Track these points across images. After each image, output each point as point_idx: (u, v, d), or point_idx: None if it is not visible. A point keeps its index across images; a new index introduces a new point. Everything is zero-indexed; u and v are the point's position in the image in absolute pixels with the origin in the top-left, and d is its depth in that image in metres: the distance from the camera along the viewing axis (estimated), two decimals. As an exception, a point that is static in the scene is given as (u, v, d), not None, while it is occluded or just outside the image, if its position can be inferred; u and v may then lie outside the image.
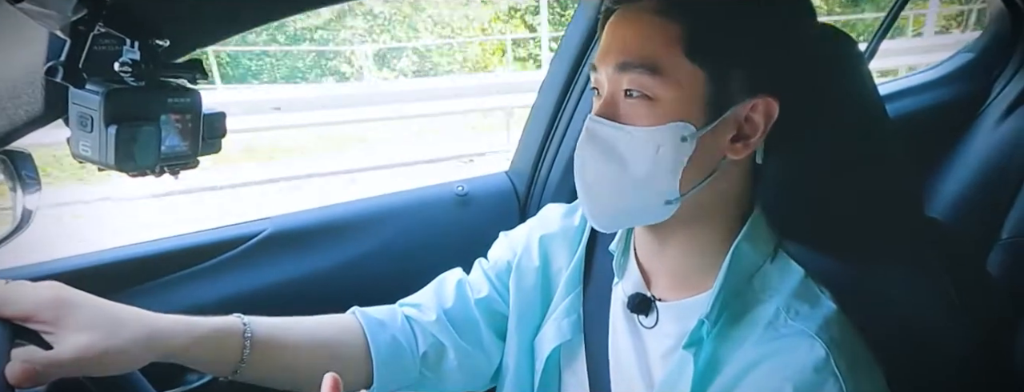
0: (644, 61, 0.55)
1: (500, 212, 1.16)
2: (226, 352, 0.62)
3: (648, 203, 0.58)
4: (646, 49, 0.56)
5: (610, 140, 0.57)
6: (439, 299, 0.76)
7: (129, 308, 0.59)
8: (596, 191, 0.60)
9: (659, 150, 0.56)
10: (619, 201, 0.59)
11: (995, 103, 1.46)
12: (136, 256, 0.91)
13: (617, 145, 0.57)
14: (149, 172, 0.51)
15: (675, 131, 0.55)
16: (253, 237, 0.98)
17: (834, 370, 0.52)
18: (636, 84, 0.56)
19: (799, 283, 0.60)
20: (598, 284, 0.71)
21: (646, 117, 0.56)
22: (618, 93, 0.58)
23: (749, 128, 0.58)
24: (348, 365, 0.70)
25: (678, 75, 0.55)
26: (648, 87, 0.55)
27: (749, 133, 0.58)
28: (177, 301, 0.90)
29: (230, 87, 7.31)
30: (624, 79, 0.57)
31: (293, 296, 0.97)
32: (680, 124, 0.55)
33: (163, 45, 0.49)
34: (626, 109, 0.57)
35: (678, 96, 0.55)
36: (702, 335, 0.58)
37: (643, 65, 0.55)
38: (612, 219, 0.62)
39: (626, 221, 0.63)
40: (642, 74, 0.55)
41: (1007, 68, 1.46)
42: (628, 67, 0.56)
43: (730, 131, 0.57)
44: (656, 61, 0.55)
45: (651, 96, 0.56)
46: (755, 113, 0.57)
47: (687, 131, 0.56)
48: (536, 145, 1.20)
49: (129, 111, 0.48)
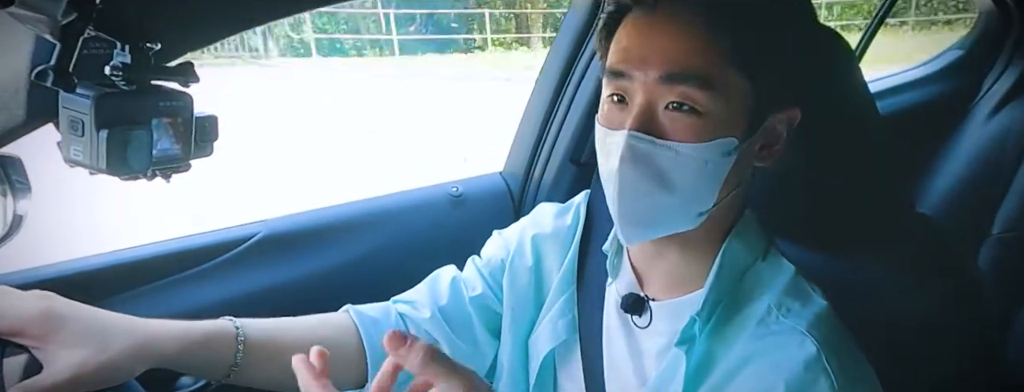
0: (696, 73, 0.53)
1: (494, 213, 1.16)
2: (219, 356, 0.62)
3: (683, 216, 0.58)
4: (696, 61, 0.53)
5: (654, 157, 0.55)
6: (433, 296, 0.76)
7: (119, 316, 0.58)
8: (634, 207, 0.57)
9: (706, 166, 0.55)
10: (656, 216, 0.58)
11: (985, 99, 1.47)
12: (127, 261, 0.90)
13: (661, 162, 0.55)
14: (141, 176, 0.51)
15: (722, 147, 0.55)
16: (247, 240, 0.97)
17: (825, 367, 0.53)
18: (685, 97, 0.54)
19: (790, 280, 0.60)
20: (591, 284, 0.72)
21: (693, 133, 0.54)
22: (656, 104, 0.55)
23: (773, 137, 0.59)
24: (342, 363, 0.70)
25: (728, 90, 0.54)
26: (698, 101, 0.53)
27: (773, 142, 0.59)
28: (169, 306, 0.89)
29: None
30: (671, 91, 0.54)
31: (287, 300, 0.97)
32: (727, 140, 0.55)
33: (154, 48, 0.48)
34: (668, 123, 0.55)
35: (726, 110, 0.54)
36: (694, 333, 0.58)
37: (695, 77, 0.53)
38: (645, 233, 0.60)
39: (655, 233, 0.61)
40: (693, 87, 0.53)
41: (996, 64, 1.48)
42: (677, 79, 0.53)
43: (760, 141, 0.58)
44: (708, 74, 0.53)
45: (700, 110, 0.54)
46: (780, 123, 0.58)
47: (731, 145, 0.55)
48: (530, 146, 1.20)
49: (121, 115, 0.48)
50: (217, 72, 9.06)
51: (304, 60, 10.67)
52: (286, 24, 9.46)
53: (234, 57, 9.54)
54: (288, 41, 10.41)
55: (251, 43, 9.71)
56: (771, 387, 0.53)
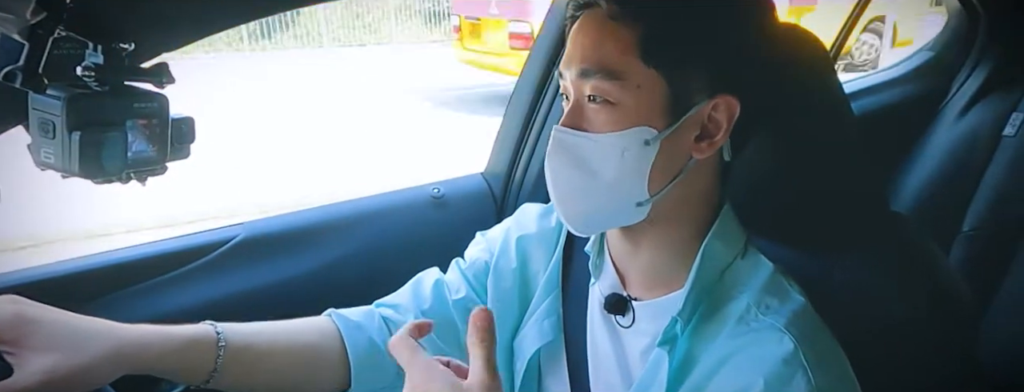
0: (602, 67, 0.56)
1: (476, 214, 1.16)
2: (199, 360, 0.61)
3: (619, 207, 0.59)
4: (603, 55, 0.56)
5: (576, 148, 0.58)
6: (417, 299, 0.76)
7: (95, 320, 0.57)
8: (568, 198, 0.61)
9: (624, 154, 0.57)
10: (591, 206, 0.60)
11: (954, 99, 1.51)
12: (103, 265, 0.89)
13: (583, 152, 0.58)
14: (116, 179, 0.50)
15: (637, 135, 0.56)
16: (225, 243, 0.96)
17: (802, 362, 0.53)
18: (597, 90, 0.57)
19: (768, 278, 0.61)
20: (576, 285, 0.72)
21: (608, 123, 0.57)
22: (582, 99, 0.58)
23: (712, 127, 0.59)
24: (325, 368, 0.69)
25: (636, 79, 0.56)
26: (608, 93, 0.56)
27: (713, 132, 0.59)
28: (147, 311, 0.88)
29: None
30: (586, 85, 0.57)
31: (268, 303, 0.96)
32: (642, 129, 0.56)
33: (128, 48, 0.47)
34: (590, 115, 0.58)
35: (638, 100, 0.56)
36: (676, 332, 0.59)
37: (602, 71, 0.56)
38: (586, 223, 0.62)
39: (600, 224, 0.64)
40: (601, 80, 0.56)
41: (965, 65, 1.52)
42: (588, 74, 0.57)
43: (693, 131, 0.58)
44: (614, 67, 0.56)
45: (612, 101, 0.56)
46: (717, 112, 0.58)
47: (649, 135, 0.56)
48: (511, 146, 1.20)
49: (93, 116, 0.47)
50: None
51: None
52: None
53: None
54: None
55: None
56: (750, 383, 0.53)
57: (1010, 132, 1.37)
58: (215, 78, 6.68)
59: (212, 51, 8.55)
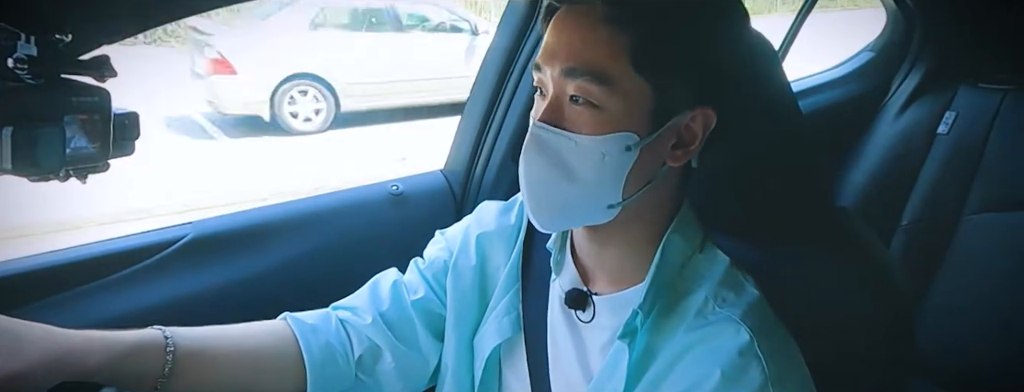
0: (592, 69, 0.55)
1: (436, 211, 1.15)
2: (146, 367, 0.59)
3: (591, 207, 0.59)
4: (594, 57, 0.56)
5: (555, 147, 0.58)
6: (374, 301, 0.75)
7: (34, 325, 0.54)
8: (540, 195, 0.60)
9: (604, 158, 0.57)
10: (562, 205, 0.60)
11: (893, 99, 1.58)
12: (42, 266, 0.84)
13: (562, 152, 0.57)
14: (53, 177, 0.48)
15: (620, 140, 0.56)
16: (174, 243, 0.93)
17: (757, 353, 0.55)
18: (582, 91, 0.56)
19: (725, 272, 0.62)
20: (536, 281, 0.72)
21: (592, 125, 0.56)
22: (563, 97, 0.58)
23: (688, 136, 0.60)
24: (280, 373, 0.68)
25: (625, 86, 0.56)
26: (595, 96, 0.56)
27: (688, 141, 0.60)
28: (90, 315, 0.84)
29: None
30: (570, 85, 0.57)
31: (220, 305, 0.93)
32: (625, 134, 0.56)
33: (64, 40, 0.45)
34: (571, 114, 0.57)
35: (624, 106, 0.56)
36: (636, 326, 0.60)
37: (591, 73, 0.55)
38: (552, 220, 0.62)
39: (567, 223, 0.64)
40: (589, 82, 0.55)
41: (903, 66, 1.59)
42: (575, 73, 0.56)
43: (671, 139, 0.59)
44: (604, 71, 0.55)
45: (597, 104, 0.56)
46: (694, 123, 0.59)
47: (631, 141, 0.57)
48: (470, 143, 1.20)
49: (27, 111, 0.45)
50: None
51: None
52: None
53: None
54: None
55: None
56: (708, 374, 0.55)
57: (943, 130, 1.45)
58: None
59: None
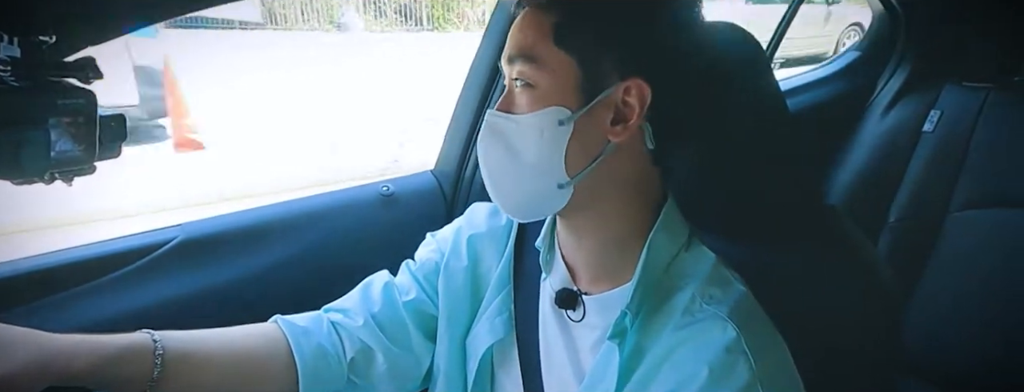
0: (523, 52, 0.60)
1: (426, 212, 1.15)
2: (135, 371, 0.58)
3: (543, 188, 0.61)
4: (525, 41, 0.61)
5: (502, 130, 0.62)
6: (366, 303, 0.75)
7: (18, 329, 0.54)
8: (497, 179, 0.64)
9: (542, 134, 0.59)
10: (517, 188, 0.63)
11: (879, 97, 1.59)
12: (29, 270, 0.83)
13: (507, 133, 0.61)
14: (38, 180, 0.47)
15: (552, 115, 0.59)
16: (163, 245, 0.92)
17: (744, 350, 0.55)
18: (520, 74, 0.61)
19: (712, 269, 0.63)
20: (527, 281, 0.72)
21: (528, 104, 0.60)
22: (512, 84, 0.62)
23: (627, 111, 0.60)
24: (272, 377, 0.68)
25: (551, 62, 0.59)
26: (528, 75, 0.60)
27: (627, 116, 0.60)
28: (78, 319, 0.83)
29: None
30: (513, 70, 0.61)
31: (210, 308, 0.92)
32: (556, 109, 0.59)
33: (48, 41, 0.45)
34: (516, 99, 0.62)
35: (553, 82, 0.59)
36: (626, 325, 0.60)
37: (522, 56, 0.60)
38: (517, 206, 0.64)
39: (531, 208, 0.64)
40: (523, 64, 0.60)
41: (888, 65, 1.61)
42: (512, 59, 0.61)
43: (608, 114, 0.60)
44: (531, 51, 0.60)
45: (532, 84, 0.60)
46: (629, 97, 0.60)
47: (563, 114, 0.59)
48: (461, 143, 1.19)
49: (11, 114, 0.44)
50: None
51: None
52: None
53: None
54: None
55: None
56: (696, 372, 0.55)
57: (929, 128, 1.47)
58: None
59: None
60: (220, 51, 5.84)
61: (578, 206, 0.61)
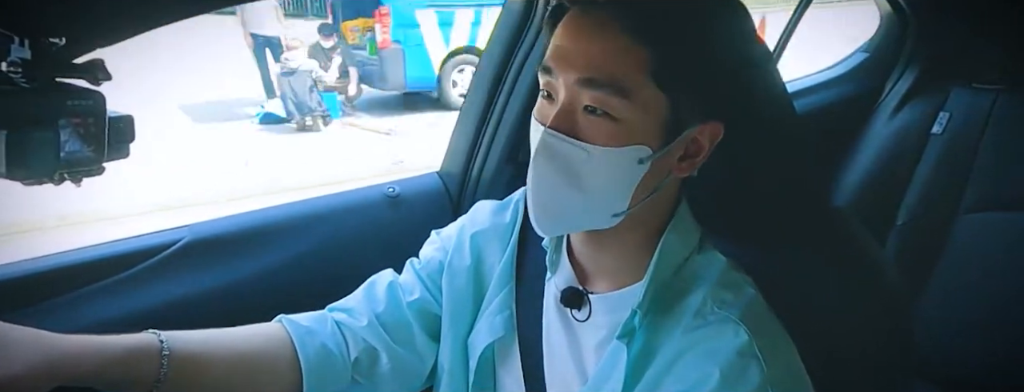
0: (612, 81, 0.54)
1: (432, 213, 1.15)
2: (142, 372, 0.58)
3: (596, 216, 0.60)
4: (614, 69, 0.54)
5: (567, 156, 0.57)
6: (370, 303, 0.75)
7: (26, 330, 0.54)
8: (546, 201, 0.60)
9: (615, 170, 0.57)
10: (567, 212, 0.60)
11: (887, 99, 1.58)
12: (37, 271, 0.84)
13: (573, 161, 0.57)
14: (47, 180, 0.48)
15: (633, 154, 0.56)
16: (170, 246, 0.92)
17: (756, 353, 0.55)
18: (600, 102, 0.55)
19: (723, 272, 0.62)
20: (530, 280, 0.72)
21: (607, 137, 0.56)
22: (577, 105, 0.56)
23: (695, 148, 0.60)
24: (276, 376, 0.68)
25: (643, 99, 0.55)
26: (613, 108, 0.55)
27: (694, 153, 0.60)
28: (85, 319, 0.83)
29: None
30: (587, 95, 0.56)
31: (216, 308, 0.93)
32: (639, 147, 0.56)
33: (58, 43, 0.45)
34: (585, 124, 0.56)
35: (641, 119, 0.56)
36: (635, 325, 0.60)
37: (611, 85, 0.54)
38: (556, 227, 0.63)
39: (570, 228, 0.64)
40: (608, 94, 0.55)
41: (897, 66, 1.60)
42: (594, 84, 0.55)
43: (679, 152, 0.60)
44: (624, 83, 0.54)
45: (615, 116, 0.55)
46: (702, 136, 0.59)
47: (644, 154, 0.56)
48: (467, 145, 1.20)
49: (21, 115, 0.45)
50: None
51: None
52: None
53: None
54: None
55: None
56: (707, 375, 0.55)
57: (937, 130, 1.46)
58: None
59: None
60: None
61: (617, 226, 0.61)
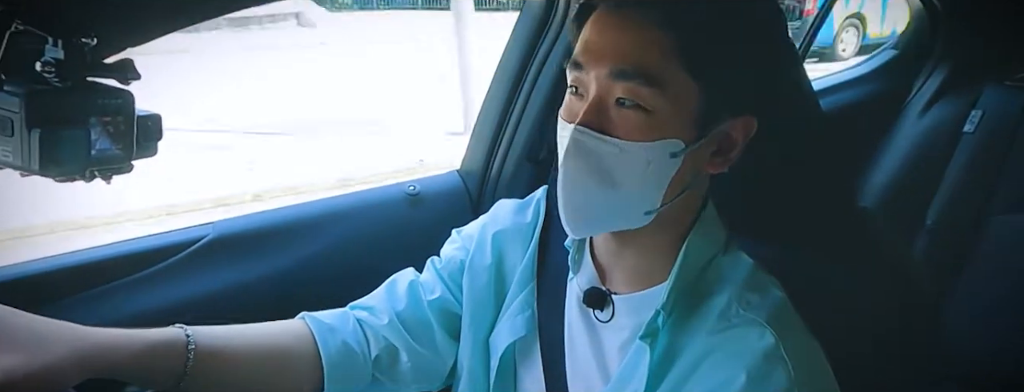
0: (643, 71, 0.54)
1: (452, 211, 1.16)
2: (168, 365, 0.59)
3: (629, 214, 0.59)
4: (645, 58, 0.54)
5: (598, 153, 0.56)
6: (391, 301, 0.75)
7: (59, 323, 0.55)
8: (579, 201, 0.58)
9: (649, 165, 0.55)
10: (600, 211, 0.59)
11: (917, 97, 1.55)
12: (67, 266, 0.86)
13: (605, 158, 0.56)
14: (78, 177, 0.49)
15: (666, 147, 0.55)
16: (195, 242, 0.94)
17: (783, 356, 0.54)
18: (632, 94, 0.54)
19: (749, 274, 0.62)
20: (552, 280, 0.72)
21: (639, 131, 0.55)
22: (608, 99, 0.55)
23: (728, 144, 0.59)
24: (298, 372, 0.69)
25: (676, 88, 0.54)
26: (645, 98, 0.54)
27: (728, 149, 0.59)
28: (114, 312, 0.85)
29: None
30: (619, 87, 0.55)
31: (240, 303, 0.94)
32: (672, 141, 0.55)
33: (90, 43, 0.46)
34: (617, 118, 0.55)
35: (673, 110, 0.55)
36: (658, 326, 0.59)
37: (643, 75, 0.54)
38: (590, 227, 0.62)
39: (602, 228, 0.63)
40: (640, 84, 0.54)
41: (926, 64, 1.56)
42: (625, 75, 0.54)
43: (712, 147, 0.59)
44: (656, 72, 0.54)
45: (647, 108, 0.54)
46: (735, 131, 0.59)
47: (677, 147, 0.55)
48: (487, 143, 1.20)
49: (54, 113, 0.46)
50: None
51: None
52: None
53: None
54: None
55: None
56: (732, 377, 0.54)
57: (969, 129, 1.42)
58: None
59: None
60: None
61: (645, 225, 0.60)
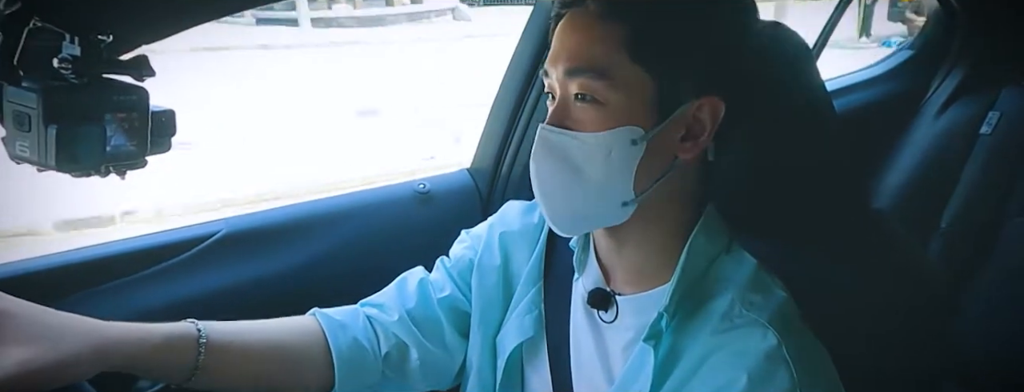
0: (591, 65, 0.56)
1: (462, 210, 1.16)
2: (180, 359, 0.60)
3: (605, 207, 0.59)
4: (592, 53, 0.56)
5: (562, 147, 0.58)
6: (401, 299, 0.76)
7: (74, 317, 0.56)
8: (553, 198, 0.60)
9: (611, 154, 0.57)
10: (577, 206, 0.60)
11: (933, 98, 1.53)
12: (81, 260, 0.87)
13: (569, 152, 0.58)
14: (94, 173, 0.49)
15: (625, 135, 0.56)
16: (207, 238, 0.95)
17: (785, 357, 0.54)
18: (585, 89, 0.56)
19: (752, 274, 0.61)
20: (558, 280, 0.72)
21: (595, 122, 0.57)
22: (569, 97, 0.58)
23: (697, 127, 0.59)
24: (308, 368, 0.69)
25: (625, 78, 0.56)
26: (596, 91, 0.56)
27: (698, 132, 0.59)
28: (127, 307, 0.87)
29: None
30: (573, 84, 0.57)
31: (251, 299, 0.95)
32: (629, 128, 0.56)
33: (106, 40, 0.47)
34: (577, 114, 0.58)
35: (626, 99, 0.56)
36: (661, 327, 0.59)
37: (591, 70, 0.56)
38: (572, 223, 0.62)
39: (585, 225, 0.64)
40: (590, 79, 0.56)
41: (943, 64, 1.54)
42: (576, 72, 0.57)
43: (680, 131, 0.59)
44: (602, 65, 0.56)
45: (600, 100, 0.56)
46: (702, 113, 0.58)
47: (636, 134, 0.56)
48: (497, 142, 1.20)
49: (70, 109, 0.46)
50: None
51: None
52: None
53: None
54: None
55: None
56: (734, 378, 0.54)
57: (986, 130, 1.40)
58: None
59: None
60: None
61: (632, 218, 0.60)
